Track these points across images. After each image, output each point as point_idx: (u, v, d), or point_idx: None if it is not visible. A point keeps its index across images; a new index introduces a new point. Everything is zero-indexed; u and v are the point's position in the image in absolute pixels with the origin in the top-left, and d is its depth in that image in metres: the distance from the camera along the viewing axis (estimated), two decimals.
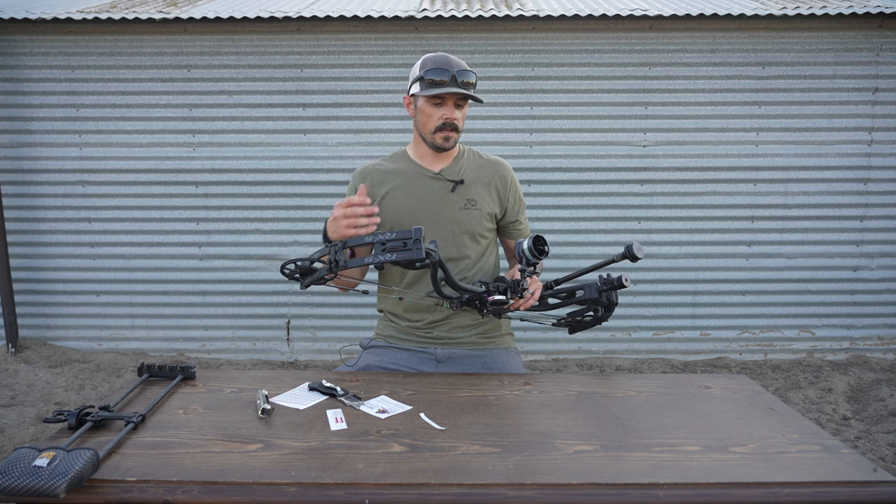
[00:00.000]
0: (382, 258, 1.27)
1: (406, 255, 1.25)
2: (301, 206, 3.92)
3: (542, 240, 1.49)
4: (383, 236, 1.28)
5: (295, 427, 1.20)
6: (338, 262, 1.30)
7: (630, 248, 1.47)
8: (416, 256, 1.24)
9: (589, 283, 1.58)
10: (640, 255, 1.48)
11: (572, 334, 1.76)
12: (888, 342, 4.00)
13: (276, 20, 3.67)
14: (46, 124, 3.86)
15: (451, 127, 1.63)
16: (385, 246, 1.27)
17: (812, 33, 3.75)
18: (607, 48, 3.79)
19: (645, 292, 3.96)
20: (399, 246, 1.26)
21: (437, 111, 1.62)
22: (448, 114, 1.62)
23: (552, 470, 1.04)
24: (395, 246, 1.27)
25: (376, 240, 1.29)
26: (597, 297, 1.56)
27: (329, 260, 1.32)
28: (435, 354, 1.69)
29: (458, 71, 1.58)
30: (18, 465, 0.94)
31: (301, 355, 4.02)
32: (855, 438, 2.90)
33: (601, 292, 1.56)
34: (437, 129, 1.63)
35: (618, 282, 1.52)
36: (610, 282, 1.54)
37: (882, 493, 1.01)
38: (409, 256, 1.25)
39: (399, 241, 1.26)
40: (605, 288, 1.55)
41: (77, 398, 3.34)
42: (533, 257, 1.47)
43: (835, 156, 3.85)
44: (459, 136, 1.68)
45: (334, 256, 1.31)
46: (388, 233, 1.29)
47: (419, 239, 1.25)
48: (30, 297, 3.99)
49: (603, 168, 3.88)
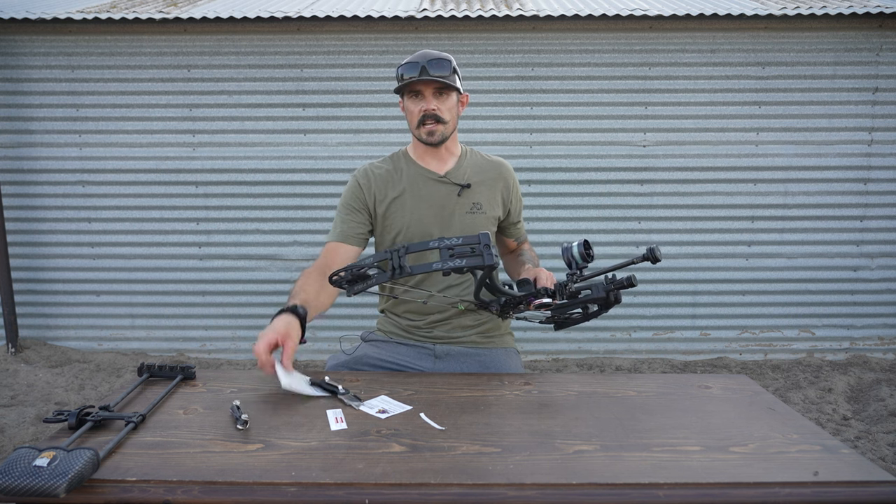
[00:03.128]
0: (452, 265, 1.24)
1: (476, 260, 1.23)
2: (301, 206, 3.92)
3: (589, 244, 1.49)
4: (449, 241, 1.25)
5: (295, 427, 1.20)
6: (402, 268, 1.26)
7: (653, 250, 1.46)
8: (488, 262, 1.22)
9: (595, 283, 1.55)
10: (660, 258, 1.47)
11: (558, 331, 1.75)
12: (888, 342, 4.00)
13: (276, 20, 3.67)
14: (46, 124, 3.86)
15: (432, 119, 1.61)
16: (453, 252, 1.25)
17: (812, 33, 3.75)
18: (607, 48, 3.79)
19: (645, 292, 3.96)
20: (467, 252, 1.24)
21: (416, 105, 1.62)
22: (425, 105, 1.60)
23: (552, 470, 1.04)
24: (462, 252, 1.24)
25: (442, 245, 1.26)
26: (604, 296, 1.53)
27: (392, 266, 1.28)
28: (433, 350, 1.69)
29: (429, 61, 1.57)
30: (18, 465, 0.94)
31: (301, 355, 4.02)
32: (855, 438, 2.90)
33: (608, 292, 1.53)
34: (420, 124, 1.63)
35: (627, 281, 1.49)
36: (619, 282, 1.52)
37: (882, 493, 1.00)
38: (480, 262, 1.23)
39: (466, 247, 1.24)
40: (612, 287, 1.52)
41: (77, 398, 3.34)
42: (583, 260, 1.47)
43: (835, 156, 3.85)
44: (448, 129, 1.64)
45: (398, 262, 1.27)
46: (454, 238, 1.26)
47: (488, 245, 1.23)
48: (30, 297, 3.99)
49: (603, 168, 3.88)
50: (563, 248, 1.50)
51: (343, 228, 1.69)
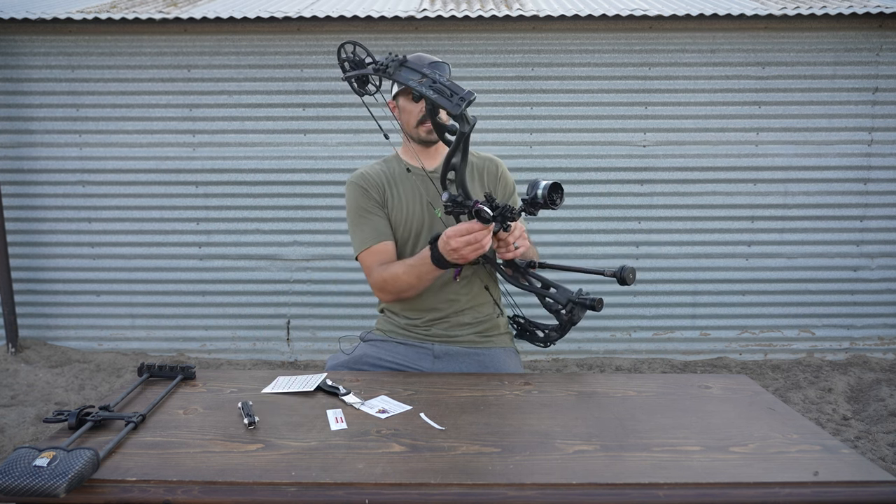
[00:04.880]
0: (423, 91, 1.23)
1: (445, 103, 1.21)
2: (301, 206, 3.92)
3: (559, 191, 1.39)
4: (440, 77, 1.24)
5: (295, 427, 1.20)
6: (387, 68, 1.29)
7: (624, 269, 1.40)
8: (452, 110, 1.21)
9: (565, 288, 1.49)
10: (629, 282, 1.40)
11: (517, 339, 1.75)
12: (888, 342, 4.00)
13: (276, 20, 3.67)
14: (46, 124, 3.86)
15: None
16: (434, 85, 1.24)
17: (812, 33, 3.75)
18: (607, 48, 3.79)
19: (645, 292, 3.96)
20: (445, 92, 1.22)
21: (417, 106, 1.66)
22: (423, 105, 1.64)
23: (552, 470, 1.04)
24: (441, 90, 1.23)
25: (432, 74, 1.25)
26: (564, 303, 1.46)
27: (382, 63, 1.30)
28: (432, 350, 1.69)
29: (429, 63, 1.59)
30: (18, 465, 0.94)
31: (301, 355, 4.02)
32: (855, 438, 2.90)
33: (570, 302, 1.45)
34: (419, 123, 1.67)
35: (590, 302, 1.42)
36: (585, 299, 1.43)
37: (882, 493, 1.01)
38: (447, 106, 1.21)
39: (447, 89, 1.22)
40: (576, 300, 1.44)
41: (77, 398, 3.34)
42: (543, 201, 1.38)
43: (835, 156, 3.85)
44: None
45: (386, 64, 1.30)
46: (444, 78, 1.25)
47: (467, 101, 1.20)
48: (30, 297, 3.99)
49: (603, 168, 3.88)
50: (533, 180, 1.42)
51: (374, 229, 1.69)
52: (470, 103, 1.21)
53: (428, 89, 1.24)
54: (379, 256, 1.67)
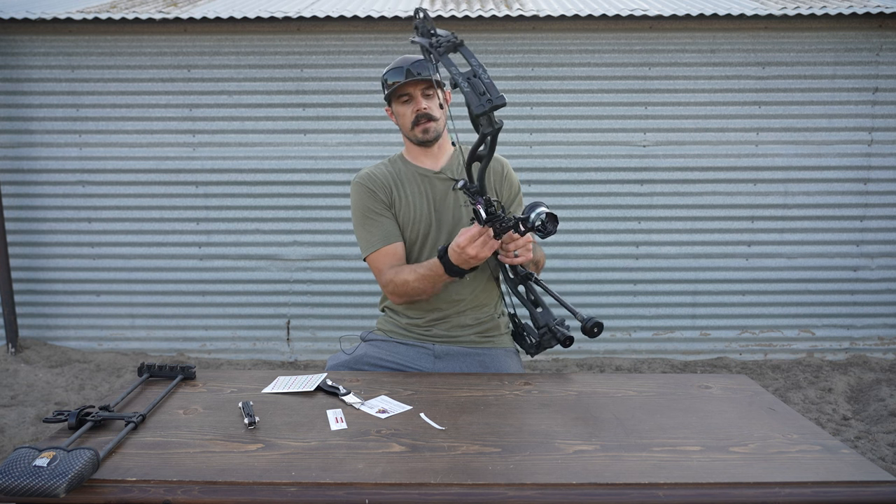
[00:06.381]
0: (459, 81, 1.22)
1: (472, 99, 1.21)
2: (301, 206, 3.92)
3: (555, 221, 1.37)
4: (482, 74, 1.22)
5: (295, 427, 1.20)
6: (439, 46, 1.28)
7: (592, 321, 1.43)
8: (475, 109, 1.20)
9: (549, 312, 1.55)
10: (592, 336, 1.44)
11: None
12: (888, 342, 4.00)
13: (276, 20, 3.67)
14: (46, 124, 3.86)
15: (425, 118, 1.66)
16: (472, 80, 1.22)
17: (812, 33, 3.75)
18: (607, 48, 3.79)
19: (645, 292, 3.96)
20: (479, 88, 1.21)
21: (409, 108, 1.67)
22: (416, 106, 1.66)
23: (552, 470, 1.04)
24: (476, 85, 1.21)
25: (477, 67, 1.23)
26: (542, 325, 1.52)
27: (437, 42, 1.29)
28: (433, 350, 1.69)
29: (412, 64, 1.63)
30: (18, 465, 0.94)
31: (301, 355, 4.02)
32: (855, 438, 2.90)
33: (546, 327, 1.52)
34: (414, 124, 1.67)
35: (562, 336, 1.49)
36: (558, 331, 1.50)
37: (882, 493, 1.01)
38: (473, 103, 1.20)
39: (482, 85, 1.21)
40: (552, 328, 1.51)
41: (77, 398, 3.34)
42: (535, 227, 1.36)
43: (835, 156, 3.85)
44: (440, 125, 1.69)
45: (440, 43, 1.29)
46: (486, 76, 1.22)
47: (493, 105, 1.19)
48: (30, 297, 3.99)
49: (603, 168, 3.88)
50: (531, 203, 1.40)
51: (382, 231, 1.69)
52: (497, 108, 1.21)
53: (464, 80, 1.23)
54: (388, 259, 1.67)
